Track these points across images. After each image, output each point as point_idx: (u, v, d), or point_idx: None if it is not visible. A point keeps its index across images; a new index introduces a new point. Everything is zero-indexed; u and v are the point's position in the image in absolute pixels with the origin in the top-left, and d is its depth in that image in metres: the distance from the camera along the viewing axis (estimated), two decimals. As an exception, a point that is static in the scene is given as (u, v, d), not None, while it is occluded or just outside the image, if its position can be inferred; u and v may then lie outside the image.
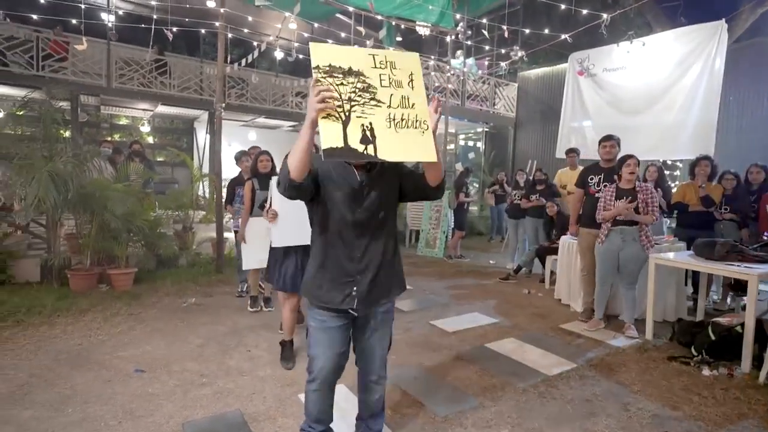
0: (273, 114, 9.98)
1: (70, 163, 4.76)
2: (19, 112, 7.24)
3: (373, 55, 1.59)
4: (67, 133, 8.28)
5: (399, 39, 9.20)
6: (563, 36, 7.07)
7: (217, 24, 5.94)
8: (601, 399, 2.83)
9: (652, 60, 7.31)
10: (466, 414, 2.62)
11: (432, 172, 1.72)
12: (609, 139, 4.28)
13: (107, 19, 8.10)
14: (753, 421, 2.61)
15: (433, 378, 3.07)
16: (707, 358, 3.35)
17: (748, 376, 3.17)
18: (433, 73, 10.01)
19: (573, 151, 6.40)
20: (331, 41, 7.84)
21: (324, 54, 1.52)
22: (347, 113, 1.51)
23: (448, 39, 8.97)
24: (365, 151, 1.50)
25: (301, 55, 7.58)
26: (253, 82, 9.13)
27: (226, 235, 6.15)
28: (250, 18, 7.02)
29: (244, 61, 7.58)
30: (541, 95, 10.80)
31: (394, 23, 7.64)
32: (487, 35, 8.49)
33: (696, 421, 2.60)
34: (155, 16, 7.03)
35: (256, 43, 7.31)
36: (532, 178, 6.65)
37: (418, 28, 7.77)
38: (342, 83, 1.52)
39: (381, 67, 1.58)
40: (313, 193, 1.74)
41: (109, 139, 10.99)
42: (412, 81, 1.62)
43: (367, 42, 6.89)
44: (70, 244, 5.50)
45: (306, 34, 7.77)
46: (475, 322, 4.27)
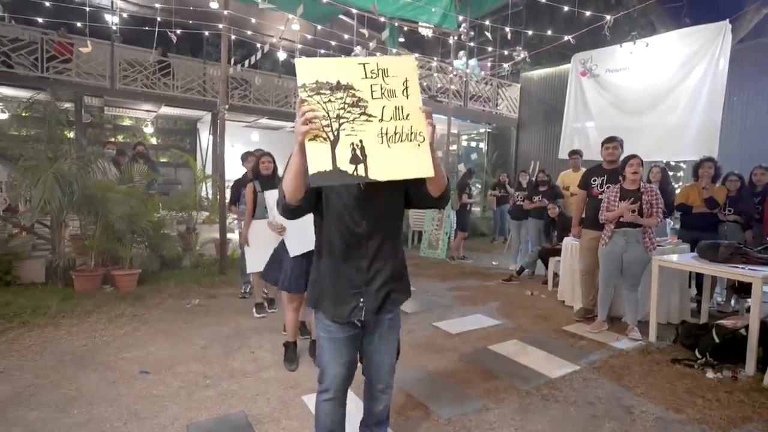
0: (276, 115, 9.99)
1: (75, 165, 4.78)
2: (24, 113, 7.29)
3: (363, 64, 1.47)
4: (71, 134, 8.34)
5: (401, 40, 9.20)
6: (566, 37, 7.06)
7: (220, 26, 5.96)
8: (604, 402, 2.83)
9: (656, 61, 7.30)
10: (469, 416, 2.62)
11: (432, 184, 1.65)
12: (612, 141, 4.27)
13: (111, 21, 8.13)
14: (757, 425, 2.60)
15: (437, 380, 3.08)
16: (711, 361, 3.34)
17: (753, 378, 3.16)
18: (435, 74, 10.01)
19: (576, 153, 6.36)
20: (333, 42, 7.88)
21: (310, 70, 1.42)
22: (336, 132, 1.40)
23: (451, 41, 8.96)
24: (355, 172, 1.41)
25: (303, 57, 7.60)
26: (256, 84, 9.15)
27: (230, 236, 6.18)
28: (254, 20, 7.03)
29: (247, 63, 7.61)
30: (543, 96, 10.78)
31: (396, 24, 7.65)
32: (490, 37, 8.48)
33: (700, 424, 2.60)
34: (159, 19, 7.05)
35: (259, 45, 7.33)
36: (534, 180, 6.65)
37: (420, 30, 7.77)
38: (330, 100, 1.41)
39: (372, 76, 1.47)
40: (314, 207, 1.71)
41: (112, 140, 11.05)
42: (406, 89, 1.49)
43: (370, 44, 6.89)
44: (75, 245, 5.53)
45: (309, 36, 7.80)
46: (478, 324, 4.28)
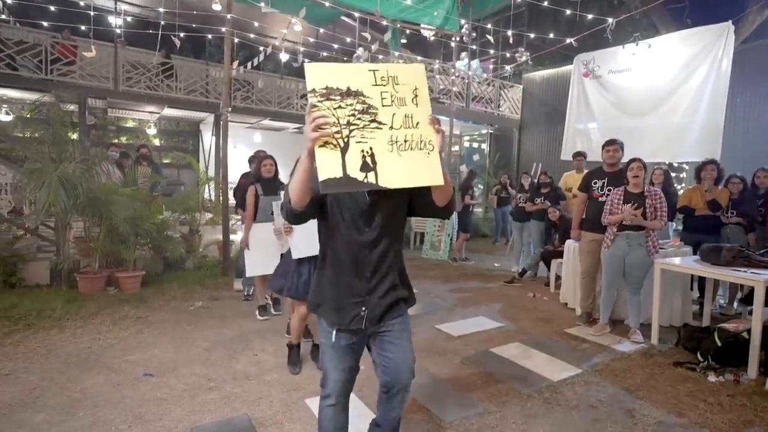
0: (278, 116, 10.01)
1: (79, 168, 4.81)
2: (28, 115, 7.34)
3: (373, 71, 1.47)
4: (75, 136, 8.38)
5: (404, 41, 9.22)
6: (568, 40, 7.06)
7: (223, 29, 5.99)
8: (606, 405, 2.84)
9: (658, 62, 7.28)
10: (471, 420, 2.63)
11: (439, 194, 1.64)
12: (612, 144, 4.27)
13: (115, 24, 8.17)
14: (759, 429, 2.61)
15: (438, 383, 3.09)
16: (713, 364, 3.34)
17: (755, 382, 3.16)
18: (437, 76, 10.01)
19: (580, 155, 6.30)
20: (336, 45, 7.90)
21: (320, 75, 1.41)
22: (346, 139, 1.40)
23: (453, 43, 8.97)
24: (365, 180, 1.41)
25: (306, 59, 7.62)
26: (259, 85, 9.17)
27: (233, 237, 6.20)
28: (256, 23, 7.06)
29: (249, 64, 7.63)
30: (546, 97, 10.77)
31: (399, 26, 7.66)
32: (492, 40, 8.49)
33: (701, 428, 2.60)
34: (162, 22, 7.08)
35: (261, 47, 7.35)
36: (536, 181, 6.64)
37: (422, 32, 7.79)
38: (340, 106, 1.40)
39: (382, 83, 1.47)
40: (318, 213, 1.71)
41: (116, 141, 11.12)
42: (416, 97, 1.49)
43: (373, 46, 6.91)
44: (79, 247, 5.56)
45: (311, 39, 7.82)
46: (480, 327, 4.29)
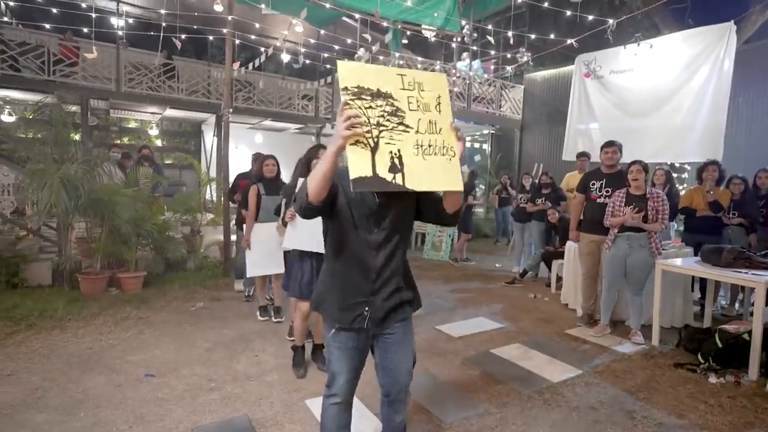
0: (279, 117, 10.03)
1: (81, 169, 4.83)
2: (31, 116, 7.37)
3: (401, 75, 1.51)
4: (77, 137, 8.41)
5: (405, 42, 9.22)
6: (569, 41, 7.05)
7: (224, 30, 6.00)
8: (606, 406, 2.84)
9: (660, 62, 7.26)
10: (471, 420, 2.63)
11: (451, 200, 1.67)
12: (611, 145, 4.28)
13: (117, 25, 8.19)
14: (760, 430, 2.60)
15: (439, 384, 3.09)
16: (714, 366, 3.34)
17: (756, 384, 3.16)
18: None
19: (584, 155, 6.27)
20: (337, 46, 7.91)
21: (353, 74, 1.43)
22: (375, 139, 1.43)
23: (454, 44, 8.97)
24: (393, 180, 1.44)
25: (307, 60, 7.63)
26: (260, 86, 9.19)
27: (234, 238, 6.21)
28: (257, 25, 7.07)
29: (251, 65, 7.64)
30: (547, 97, 10.75)
31: (399, 27, 7.66)
32: (492, 41, 8.48)
33: (702, 430, 2.60)
34: (164, 24, 7.10)
35: (263, 49, 7.37)
36: (537, 182, 6.64)
37: (423, 32, 7.79)
38: (371, 106, 1.43)
39: (409, 88, 1.51)
40: (328, 212, 1.71)
41: (118, 142, 11.15)
42: (439, 104, 1.54)
43: (373, 47, 6.91)
44: (81, 247, 5.58)
45: (312, 40, 7.83)
46: (480, 327, 4.29)
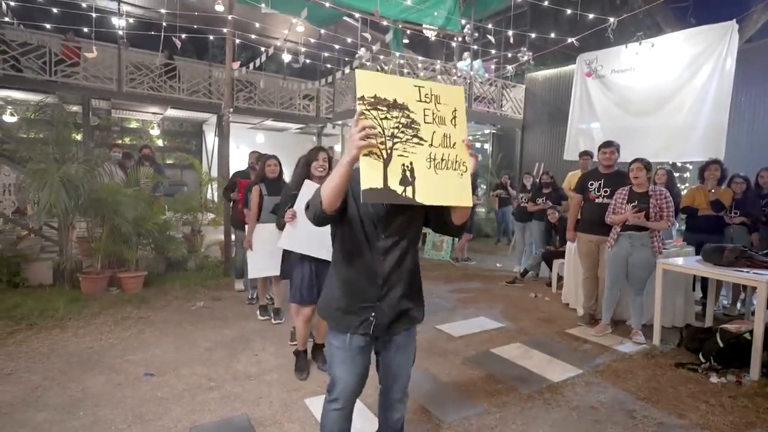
0: (281, 116, 10.06)
1: (82, 168, 4.84)
2: (32, 116, 7.39)
3: (419, 87, 1.51)
4: (78, 137, 8.44)
5: (406, 42, 9.21)
6: (570, 39, 7.03)
7: (225, 30, 6.01)
8: (606, 406, 2.83)
9: (662, 61, 7.24)
10: (470, 420, 2.63)
11: (460, 213, 1.67)
12: (609, 146, 4.28)
13: (118, 26, 8.21)
14: (761, 430, 2.59)
15: (439, 383, 3.09)
16: (715, 365, 3.32)
17: (757, 383, 3.14)
18: (439, 77, 10.00)
19: (587, 154, 6.18)
20: (337, 46, 7.91)
21: (370, 83, 1.43)
22: (389, 151, 1.42)
23: (455, 43, 8.96)
24: (404, 193, 1.44)
25: (308, 60, 7.64)
26: (261, 86, 9.21)
27: (233, 237, 6.21)
28: (258, 24, 7.08)
29: (252, 65, 7.66)
30: (548, 97, 10.72)
31: (400, 27, 7.66)
32: (493, 40, 8.47)
33: (703, 429, 2.59)
34: (164, 24, 7.12)
35: (263, 48, 7.38)
36: (538, 181, 6.63)
37: (424, 32, 7.78)
38: (386, 117, 1.43)
39: (426, 101, 1.50)
40: (339, 217, 1.70)
41: (119, 142, 11.19)
42: (455, 118, 1.54)
43: (374, 47, 6.91)
44: (82, 247, 5.59)
45: (313, 39, 7.84)
46: (481, 327, 4.28)
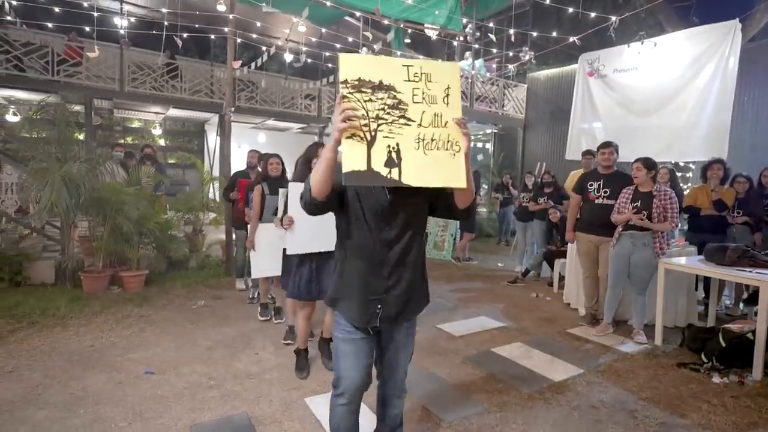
0: (282, 116, 10.03)
1: (83, 167, 4.85)
2: (35, 116, 7.41)
3: (407, 66, 1.46)
4: (81, 136, 8.46)
5: (407, 41, 9.20)
6: (572, 39, 7.02)
7: (226, 30, 6.01)
8: (608, 406, 2.81)
9: (664, 60, 7.22)
10: (471, 419, 2.62)
11: (462, 196, 1.65)
12: (608, 146, 4.27)
13: (120, 25, 8.23)
14: (763, 431, 2.57)
15: (439, 382, 3.08)
16: (717, 365, 3.31)
17: (760, 383, 3.12)
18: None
19: (589, 153, 6.10)
20: (339, 45, 7.90)
21: (353, 66, 1.40)
22: (373, 133, 1.40)
23: (456, 43, 8.94)
24: (389, 175, 1.42)
25: (309, 59, 7.64)
26: (263, 86, 9.20)
27: (234, 237, 6.21)
28: (259, 24, 7.08)
29: (253, 65, 7.66)
30: (550, 96, 10.71)
31: (402, 26, 7.65)
32: (494, 39, 8.45)
33: (705, 429, 2.57)
34: (166, 23, 7.13)
35: (264, 48, 7.38)
36: (540, 181, 6.61)
37: (426, 31, 7.77)
38: (371, 99, 1.40)
39: (415, 80, 1.45)
40: (337, 208, 1.69)
41: (121, 142, 11.22)
42: (447, 96, 1.48)
43: (375, 46, 6.90)
44: (84, 246, 5.60)
45: (314, 39, 7.84)
46: (482, 326, 4.27)
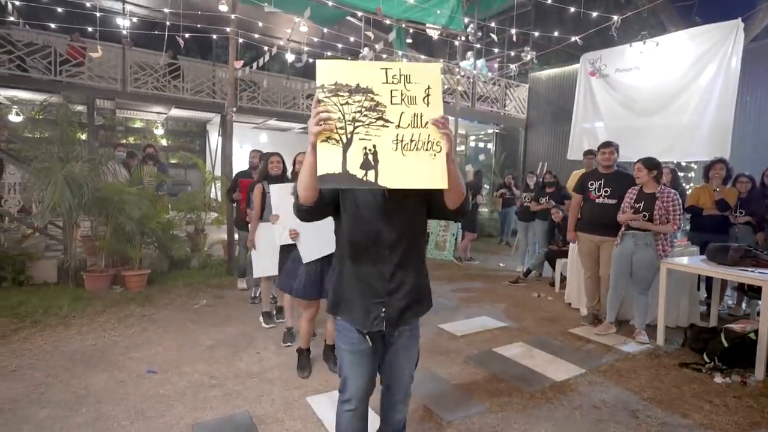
0: (284, 116, 10.04)
1: (86, 167, 4.86)
2: (37, 116, 7.44)
3: (385, 69, 1.46)
4: (83, 136, 8.47)
5: (409, 41, 9.20)
6: (573, 38, 7.01)
7: (228, 30, 6.03)
8: (609, 406, 2.81)
9: (666, 60, 7.21)
10: (472, 419, 2.62)
11: (450, 197, 1.61)
12: (608, 146, 4.28)
13: (122, 25, 8.25)
14: (766, 431, 2.56)
15: (441, 382, 3.08)
16: (720, 365, 3.30)
17: (762, 383, 3.12)
18: (442, 75, 9.98)
19: (591, 153, 6.04)
20: (341, 45, 7.91)
21: (330, 72, 1.42)
22: (350, 135, 1.40)
23: (458, 42, 8.94)
24: (365, 177, 1.40)
25: (311, 59, 7.64)
26: (265, 86, 9.22)
27: (237, 237, 6.23)
28: (261, 24, 7.09)
29: (255, 65, 7.66)
30: (552, 96, 10.69)
31: (403, 26, 7.65)
32: (496, 39, 8.44)
33: (707, 429, 2.57)
34: (168, 23, 7.14)
35: (266, 48, 7.39)
36: (541, 181, 6.60)
37: (428, 31, 7.77)
38: (347, 102, 1.41)
39: (393, 82, 1.45)
40: (331, 211, 1.69)
41: (123, 142, 11.25)
42: (428, 96, 1.47)
43: (377, 46, 6.91)
44: (86, 246, 5.62)
45: (316, 39, 7.85)
46: (483, 326, 4.27)
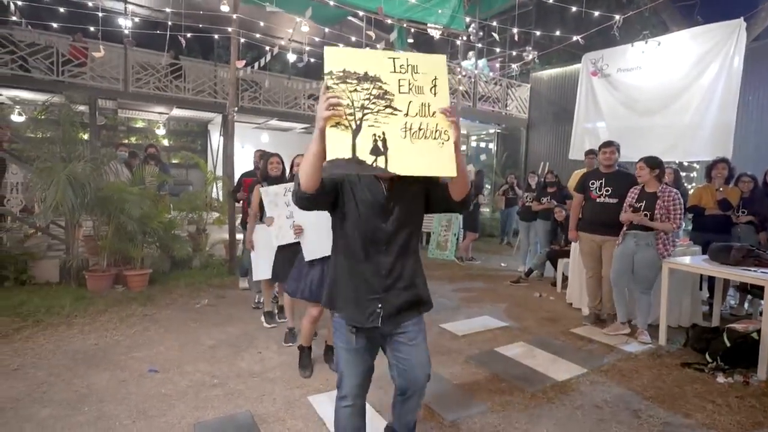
0: (285, 116, 10.06)
1: (88, 167, 4.88)
2: (40, 116, 7.45)
3: (393, 58, 1.48)
4: (85, 136, 8.50)
5: (410, 41, 9.20)
6: (575, 37, 7.00)
7: (229, 30, 6.03)
8: (611, 405, 2.81)
9: (668, 60, 7.19)
10: (474, 419, 2.61)
11: (455, 187, 1.61)
12: (609, 146, 4.28)
13: (124, 25, 8.27)
14: (768, 431, 2.56)
15: (442, 382, 3.08)
16: (722, 365, 3.29)
17: (765, 383, 3.11)
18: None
19: (592, 152, 6.03)
20: (342, 45, 7.91)
21: (338, 59, 1.43)
22: (359, 122, 1.41)
23: (459, 42, 8.93)
24: (374, 163, 1.41)
25: (312, 59, 7.65)
26: (266, 86, 9.22)
27: (239, 236, 6.24)
28: (262, 24, 7.09)
29: (257, 65, 7.67)
30: (553, 96, 10.68)
31: (405, 26, 7.65)
32: (497, 38, 8.44)
33: (709, 429, 2.56)
34: (170, 23, 7.16)
35: (268, 48, 7.40)
36: (543, 180, 6.60)
37: (429, 31, 7.77)
38: (356, 89, 1.42)
39: (401, 71, 1.47)
40: (330, 204, 1.67)
41: (125, 142, 11.27)
42: (435, 86, 1.50)
43: (378, 46, 6.91)
44: (88, 245, 5.63)
45: (317, 39, 7.85)
46: (485, 326, 4.26)
